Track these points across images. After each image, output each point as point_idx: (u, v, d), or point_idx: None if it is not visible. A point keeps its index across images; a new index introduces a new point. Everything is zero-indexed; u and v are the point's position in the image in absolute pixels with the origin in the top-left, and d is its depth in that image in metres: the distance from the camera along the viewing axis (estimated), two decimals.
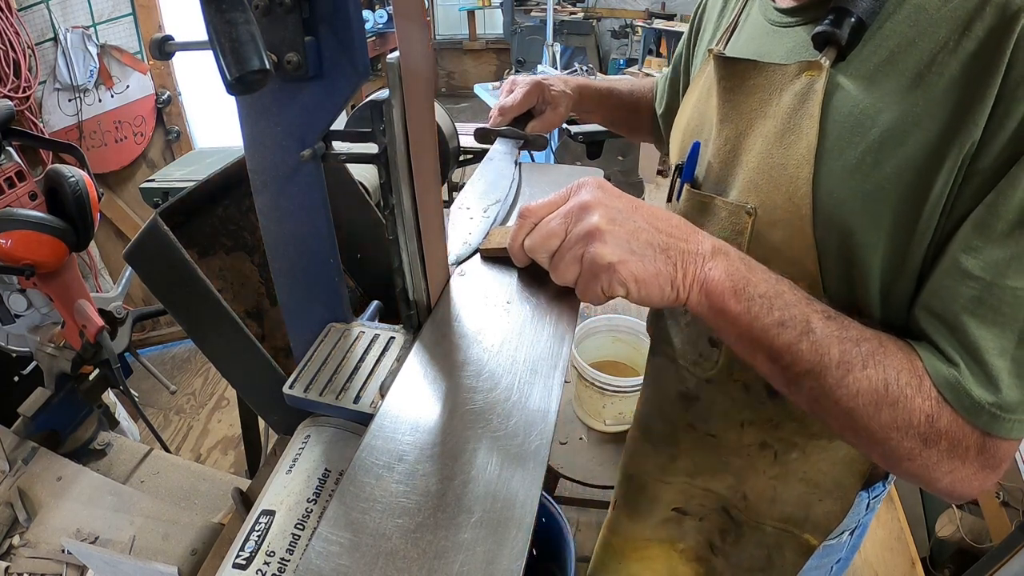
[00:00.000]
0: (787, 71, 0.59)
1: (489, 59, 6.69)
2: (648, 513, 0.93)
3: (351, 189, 0.86)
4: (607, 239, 0.48)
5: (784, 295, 0.51)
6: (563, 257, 0.51)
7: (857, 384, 0.48)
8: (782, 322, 0.49)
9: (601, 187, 0.52)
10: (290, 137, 0.50)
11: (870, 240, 0.53)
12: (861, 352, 0.48)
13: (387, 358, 0.56)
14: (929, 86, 0.49)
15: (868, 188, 0.52)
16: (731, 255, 0.51)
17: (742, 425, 0.74)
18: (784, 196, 0.57)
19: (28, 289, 1.14)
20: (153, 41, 0.46)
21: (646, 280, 0.49)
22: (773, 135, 0.59)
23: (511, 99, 0.93)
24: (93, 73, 2.22)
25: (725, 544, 0.85)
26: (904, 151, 0.50)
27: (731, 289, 0.50)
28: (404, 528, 0.39)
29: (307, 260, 0.56)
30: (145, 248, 0.64)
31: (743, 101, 0.63)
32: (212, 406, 2.54)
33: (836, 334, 0.49)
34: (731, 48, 0.70)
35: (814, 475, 0.73)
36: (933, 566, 1.80)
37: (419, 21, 0.50)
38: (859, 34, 0.53)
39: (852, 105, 0.53)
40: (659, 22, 5.16)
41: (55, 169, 1.07)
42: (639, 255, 0.49)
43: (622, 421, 1.65)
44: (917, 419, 0.47)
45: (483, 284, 0.63)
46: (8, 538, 0.92)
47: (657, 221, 0.51)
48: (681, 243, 0.50)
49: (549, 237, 0.52)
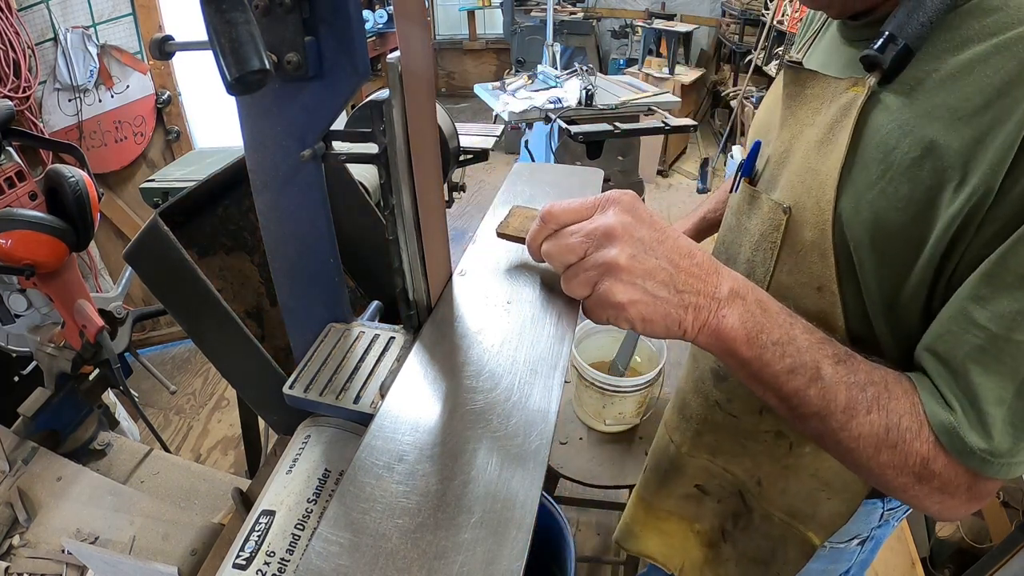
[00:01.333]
0: (839, 85, 0.61)
1: (489, 59, 6.69)
2: (675, 483, 0.97)
3: (351, 189, 0.86)
4: (622, 277, 0.48)
5: (796, 340, 0.51)
6: (576, 276, 0.50)
7: (860, 429, 0.50)
8: (792, 369, 0.50)
9: (632, 210, 0.50)
10: (290, 137, 0.50)
11: (871, 255, 0.56)
12: (867, 397, 0.50)
13: (387, 358, 0.56)
14: (954, 117, 0.49)
15: (882, 205, 0.54)
16: (748, 299, 0.51)
17: (760, 412, 0.77)
18: (813, 199, 0.60)
19: (28, 289, 1.14)
20: (153, 41, 0.46)
21: (654, 321, 0.49)
22: (815, 143, 0.62)
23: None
24: (93, 73, 2.22)
25: (736, 529, 0.88)
26: (920, 176, 0.51)
27: (744, 337, 0.50)
28: (404, 528, 0.39)
29: (307, 260, 0.56)
30: (145, 248, 0.64)
31: (799, 108, 0.66)
32: (212, 406, 2.54)
33: (844, 379, 0.50)
34: (807, 58, 0.74)
35: (824, 472, 0.75)
36: (933, 566, 1.80)
37: (419, 21, 0.50)
38: (906, 59, 0.53)
39: (885, 123, 0.55)
40: (659, 22, 5.15)
41: (55, 169, 1.07)
42: (651, 296, 0.48)
43: (622, 421, 1.65)
44: (914, 460, 0.50)
45: (483, 284, 0.63)
46: (8, 538, 0.92)
47: (679, 258, 0.50)
48: (699, 284, 0.50)
49: (567, 252, 0.51)
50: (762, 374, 0.51)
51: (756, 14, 4.90)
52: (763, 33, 4.51)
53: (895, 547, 1.83)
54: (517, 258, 0.68)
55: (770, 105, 0.78)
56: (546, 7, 4.03)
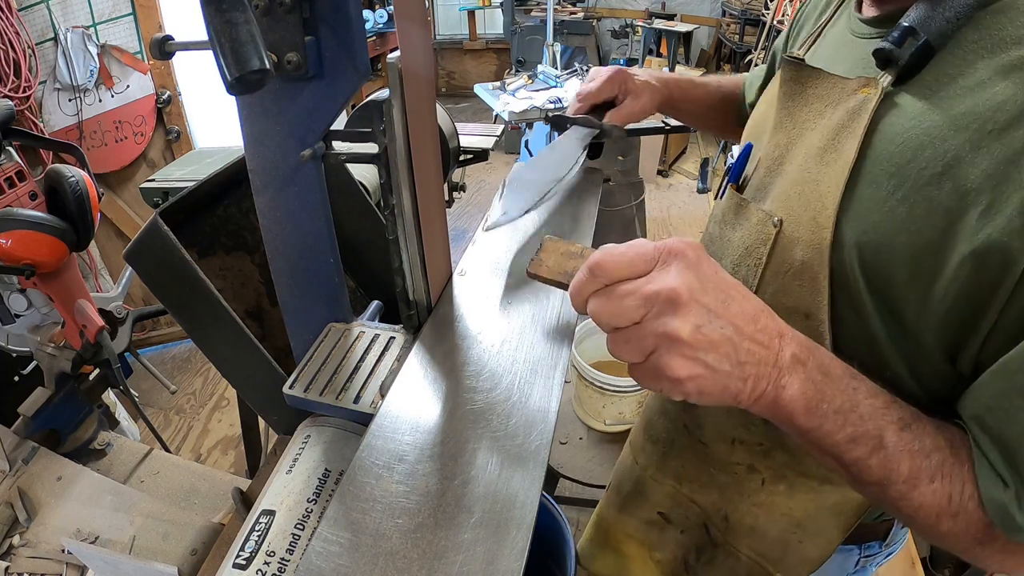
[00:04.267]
0: (847, 85, 0.55)
1: (489, 59, 6.68)
2: (636, 507, 0.92)
3: (351, 189, 0.86)
4: (686, 352, 0.42)
5: (859, 407, 0.47)
6: (628, 340, 0.44)
7: (921, 498, 0.47)
8: (854, 438, 0.46)
9: (696, 268, 0.43)
10: (290, 137, 0.50)
11: (873, 283, 0.51)
12: (931, 465, 0.46)
13: (387, 358, 0.56)
14: (987, 134, 0.44)
15: (892, 225, 0.48)
16: (808, 365, 0.46)
17: (732, 442, 0.72)
18: (809, 215, 0.55)
19: (28, 289, 1.14)
20: (153, 41, 0.46)
21: (711, 395, 0.44)
22: (816, 150, 0.56)
23: (591, 86, 0.88)
24: (93, 73, 2.22)
25: (699, 563, 0.84)
26: (938, 196, 0.45)
27: (804, 407, 0.46)
28: (404, 528, 0.39)
29: (307, 260, 0.56)
30: (145, 248, 0.64)
31: (799, 110, 0.61)
32: (212, 406, 2.54)
33: (908, 447, 0.46)
34: (811, 54, 0.67)
35: (798, 514, 0.71)
36: (933, 566, 1.80)
37: (420, 21, 0.50)
38: (926, 57, 0.48)
39: (900, 132, 0.49)
40: (659, 22, 5.15)
41: (55, 169, 1.07)
42: (712, 370, 0.43)
43: (622, 421, 1.65)
44: (976, 528, 0.47)
45: (483, 284, 0.63)
46: (8, 538, 0.92)
47: (744, 323, 0.44)
48: (762, 351, 0.44)
49: (620, 316, 0.44)
50: (822, 443, 0.47)
51: (756, 14, 4.90)
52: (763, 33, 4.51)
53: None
54: (517, 258, 0.68)
55: (764, 106, 0.72)
56: (546, 7, 4.02)
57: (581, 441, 1.67)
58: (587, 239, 0.75)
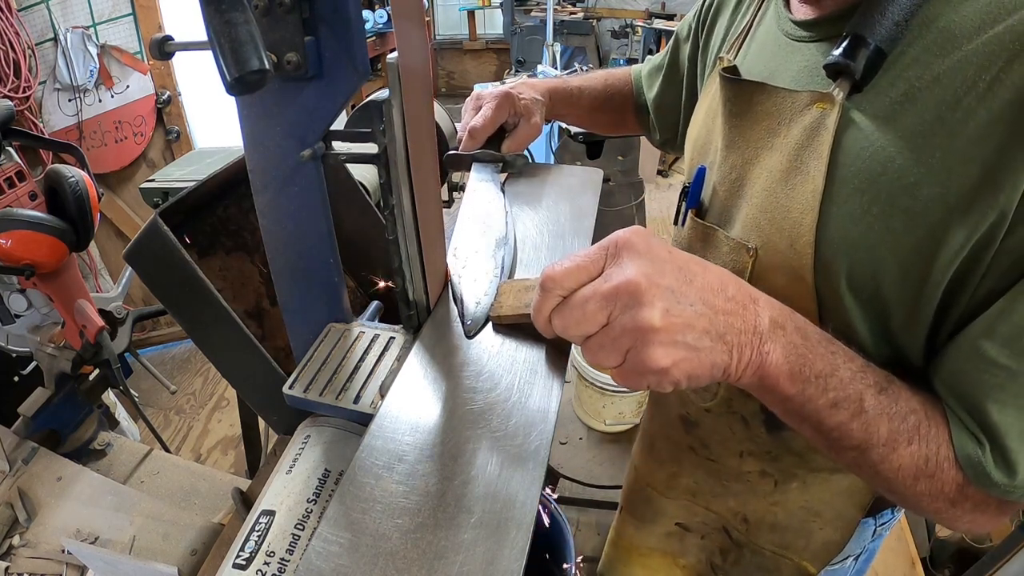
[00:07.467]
0: (797, 99, 0.53)
1: (489, 59, 6.68)
2: (652, 523, 0.92)
3: (351, 189, 0.86)
4: (662, 339, 0.40)
5: (839, 371, 0.47)
6: (603, 345, 0.42)
7: (900, 460, 0.48)
8: (835, 403, 0.46)
9: (647, 253, 0.42)
10: (290, 137, 0.50)
11: (869, 300, 0.51)
12: (907, 427, 0.47)
13: (387, 358, 0.56)
14: (951, 134, 0.43)
15: (872, 241, 0.48)
16: (787, 327, 0.46)
17: (741, 455, 0.72)
18: (786, 241, 0.53)
19: (28, 289, 1.14)
20: (153, 41, 0.46)
21: (700, 375, 0.43)
22: (779, 172, 0.54)
23: (480, 118, 0.80)
24: (93, 73, 2.22)
25: (726, 563, 0.84)
26: (916, 206, 0.45)
27: (787, 372, 0.45)
28: (404, 528, 0.39)
29: (307, 260, 0.56)
30: (145, 248, 0.64)
31: (749, 128, 0.58)
32: (212, 406, 2.54)
33: (886, 411, 0.47)
34: (741, 59, 0.65)
35: (815, 504, 0.71)
36: (933, 566, 1.80)
37: (418, 21, 0.50)
38: (877, 64, 0.47)
39: (863, 146, 0.48)
40: (659, 22, 5.16)
41: (55, 169, 1.07)
42: (695, 350, 0.41)
43: (622, 421, 1.65)
44: (949, 487, 0.48)
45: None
46: (8, 538, 0.92)
47: (713, 297, 0.43)
48: (738, 321, 0.43)
49: (585, 321, 0.42)
50: (803, 410, 0.47)
51: None
52: None
53: (895, 547, 1.83)
54: (517, 258, 0.68)
55: (706, 118, 0.68)
56: (546, 7, 4.03)
57: (581, 441, 1.67)
58: (587, 239, 0.75)
